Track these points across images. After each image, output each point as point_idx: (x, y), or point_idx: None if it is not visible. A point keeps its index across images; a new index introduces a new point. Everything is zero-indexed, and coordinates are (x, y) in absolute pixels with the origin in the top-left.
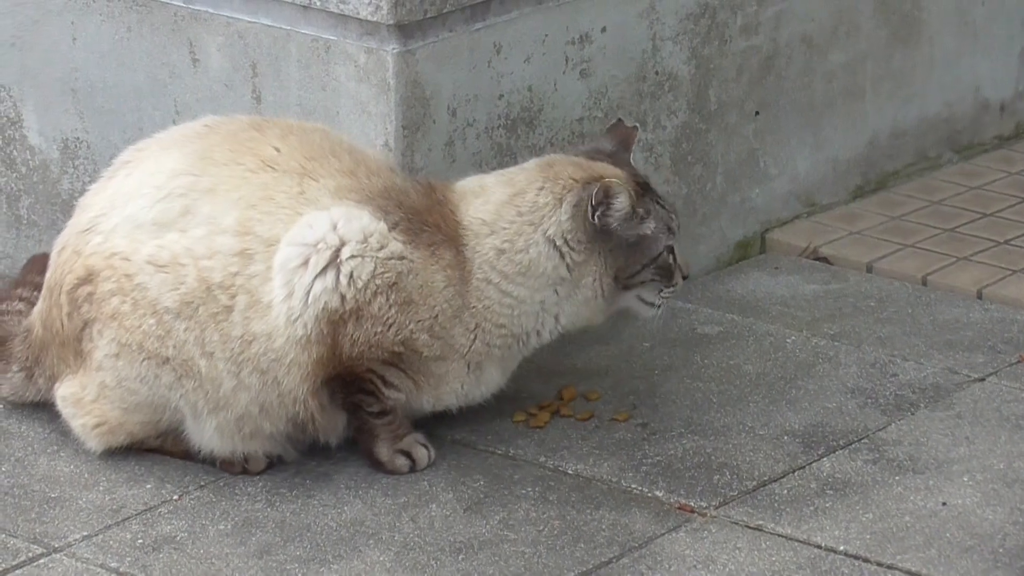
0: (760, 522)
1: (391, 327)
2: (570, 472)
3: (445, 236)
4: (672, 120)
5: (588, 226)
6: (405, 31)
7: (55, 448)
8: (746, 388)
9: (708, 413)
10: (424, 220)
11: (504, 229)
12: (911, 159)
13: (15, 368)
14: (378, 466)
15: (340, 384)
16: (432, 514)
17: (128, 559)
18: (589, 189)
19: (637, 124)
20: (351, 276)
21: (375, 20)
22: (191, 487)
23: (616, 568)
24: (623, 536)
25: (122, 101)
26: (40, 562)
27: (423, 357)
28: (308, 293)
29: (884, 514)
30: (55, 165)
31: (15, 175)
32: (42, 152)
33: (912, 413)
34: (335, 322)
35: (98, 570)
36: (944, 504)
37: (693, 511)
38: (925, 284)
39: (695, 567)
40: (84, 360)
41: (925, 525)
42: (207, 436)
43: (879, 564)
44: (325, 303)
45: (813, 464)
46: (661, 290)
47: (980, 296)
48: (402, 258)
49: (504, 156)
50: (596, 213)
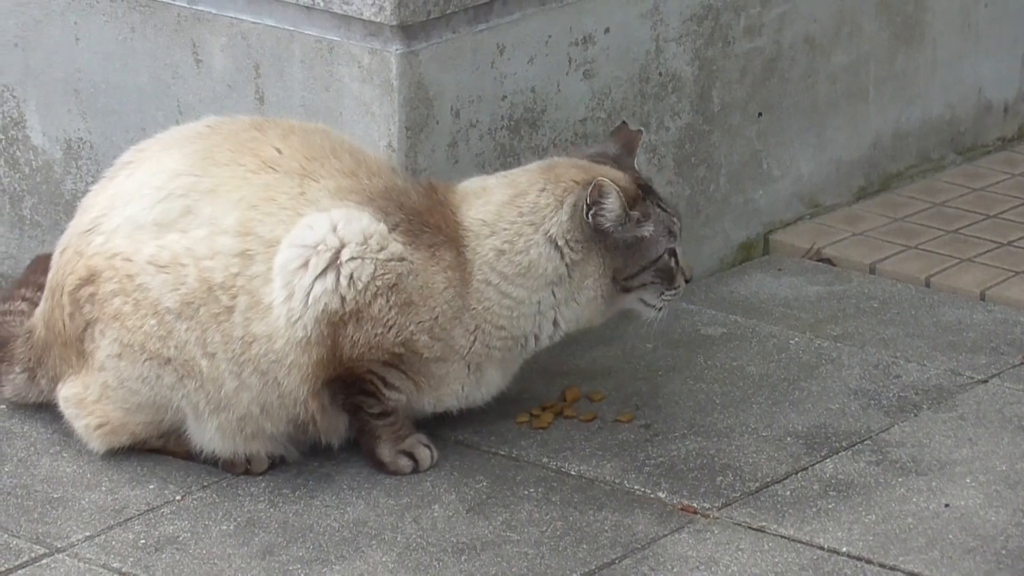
0: (763, 523)
1: (391, 328)
2: (573, 473)
3: (446, 237)
4: (675, 121)
5: (585, 226)
6: (408, 32)
7: (58, 448)
8: (749, 389)
9: (711, 414)
10: (425, 221)
11: (504, 230)
12: (914, 160)
13: (18, 369)
14: (380, 467)
15: (341, 385)
16: (435, 515)
17: (131, 559)
18: (587, 190)
19: (642, 128)
20: (351, 277)
21: (379, 21)
22: (194, 487)
23: (619, 569)
24: (626, 537)
25: (125, 102)
26: (43, 562)
27: (423, 358)
28: (308, 295)
29: (887, 515)
30: (58, 165)
31: (18, 175)
32: (45, 152)
33: (915, 415)
34: (335, 323)
35: (100, 570)
36: (947, 505)
37: (696, 512)
38: (928, 285)
39: (698, 568)
40: (86, 361)
41: (928, 526)
42: (209, 436)
43: (882, 565)
44: (325, 304)
45: (816, 465)
46: (662, 292)
47: (983, 298)
48: (402, 259)
49: (507, 157)
50: (590, 213)
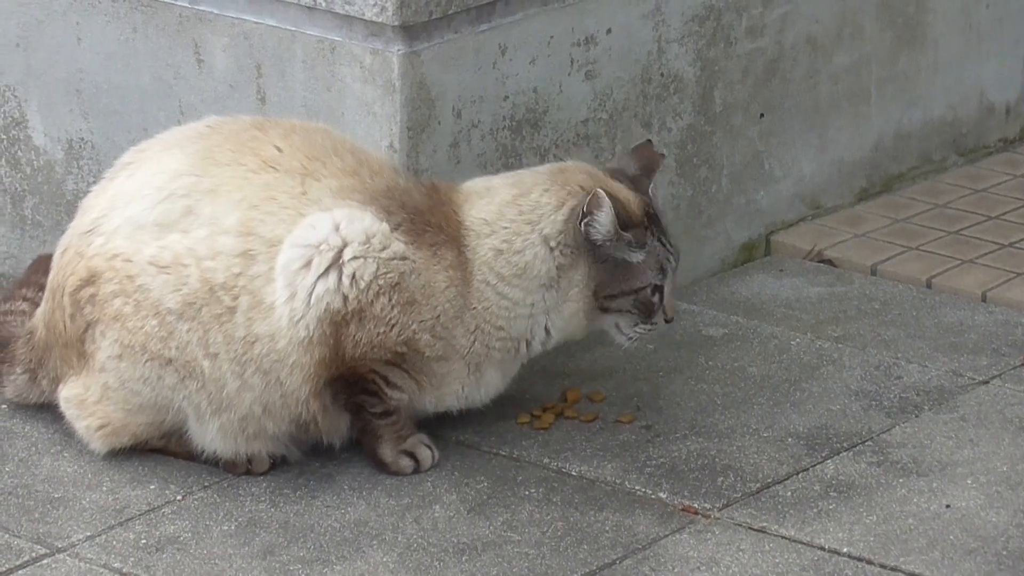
0: (764, 524)
1: (394, 327)
2: (574, 474)
3: (447, 237)
4: (677, 122)
5: (577, 233)
6: (410, 32)
7: (59, 448)
8: (750, 390)
9: (712, 415)
10: (427, 221)
11: (504, 228)
12: (916, 162)
13: (19, 370)
14: (382, 467)
15: (343, 385)
16: (436, 515)
17: (131, 559)
18: (587, 197)
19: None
20: (353, 277)
21: (380, 21)
22: (195, 488)
23: (620, 569)
24: (627, 538)
25: (127, 102)
26: (43, 562)
27: (425, 357)
28: (311, 294)
29: (888, 516)
30: (60, 166)
31: (20, 175)
32: (47, 153)
33: (916, 415)
34: (338, 323)
35: (101, 570)
36: (948, 506)
37: (697, 513)
38: (929, 287)
39: (699, 569)
40: (87, 362)
41: (929, 527)
42: (210, 437)
43: (882, 566)
44: (328, 304)
45: (817, 466)
46: (637, 324)
47: (984, 299)
48: (404, 258)
49: (509, 157)
50: (582, 221)
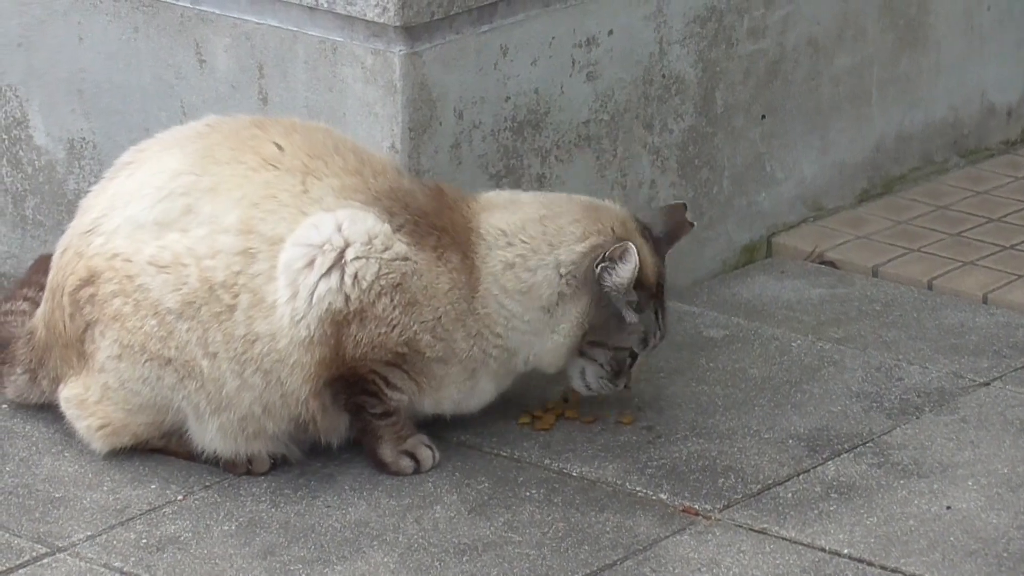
0: (764, 525)
1: (395, 328)
2: (575, 474)
3: (452, 240)
4: (679, 123)
5: (590, 272)
6: (412, 33)
7: (59, 448)
8: (751, 392)
9: (713, 416)
10: (432, 223)
11: (523, 244)
12: (917, 163)
13: (19, 370)
14: (382, 467)
15: (343, 385)
16: (436, 516)
17: (132, 559)
18: (615, 244)
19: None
20: (356, 277)
21: (382, 22)
22: (195, 487)
23: (620, 570)
24: (627, 538)
25: (128, 102)
26: (44, 562)
27: (426, 358)
28: (313, 294)
29: (888, 518)
30: (61, 165)
31: (21, 175)
32: (48, 152)
33: (917, 417)
34: (339, 323)
35: (102, 570)
36: (948, 508)
37: (698, 514)
38: (931, 288)
39: (699, 570)
40: (87, 362)
41: (929, 529)
42: (210, 437)
43: (883, 568)
44: (329, 304)
45: (818, 468)
46: (601, 378)
47: (986, 301)
48: (406, 259)
49: (510, 158)
50: (600, 263)
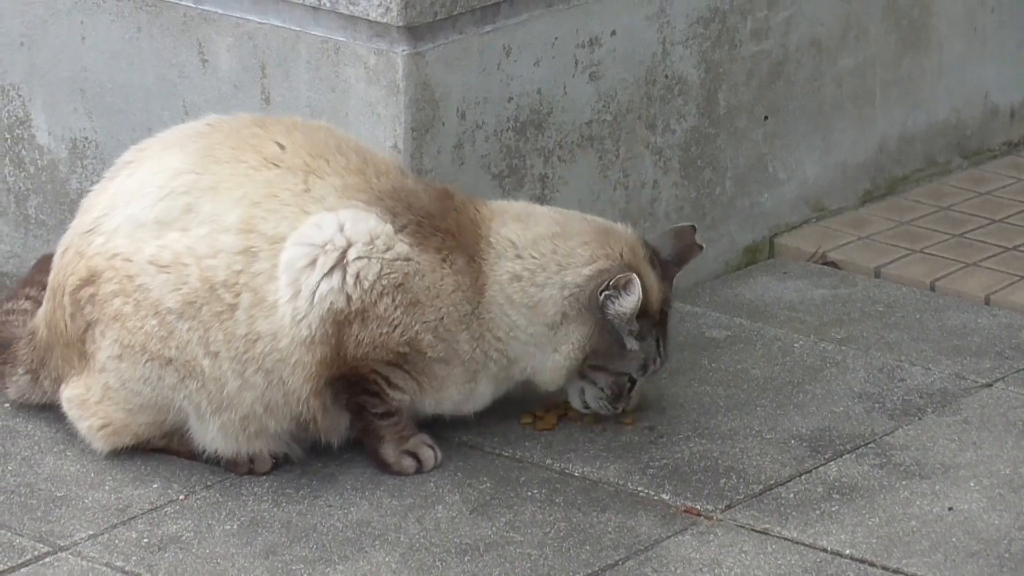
0: (766, 526)
1: (396, 328)
2: (576, 474)
3: (459, 243)
4: (681, 124)
5: (592, 297)
6: (415, 33)
7: (61, 447)
8: (753, 392)
9: (715, 417)
10: (436, 225)
11: (533, 259)
12: (920, 164)
13: (21, 370)
14: (384, 467)
15: (344, 385)
16: (438, 515)
17: (134, 558)
18: (620, 272)
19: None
20: (357, 277)
21: (385, 22)
22: (197, 487)
23: (622, 570)
24: (629, 539)
25: (131, 101)
26: (46, 560)
27: (427, 358)
28: (314, 293)
29: (890, 518)
30: (63, 165)
31: (23, 174)
32: (50, 152)
33: (919, 418)
34: (340, 322)
35: (103, 569)
36: (950, 509)
37: (699, 514)
38: (933, 289)
39: (701, 570)
40: (88, 361)
41: (931, 530)
42: (211, 436)
43: (885, 568)
44: (331, 303)
45: (820, 468)
46: (601, 400)
47: (988, 302)
48: (408, 260)
49: (513, 158)
50: (603, 291)
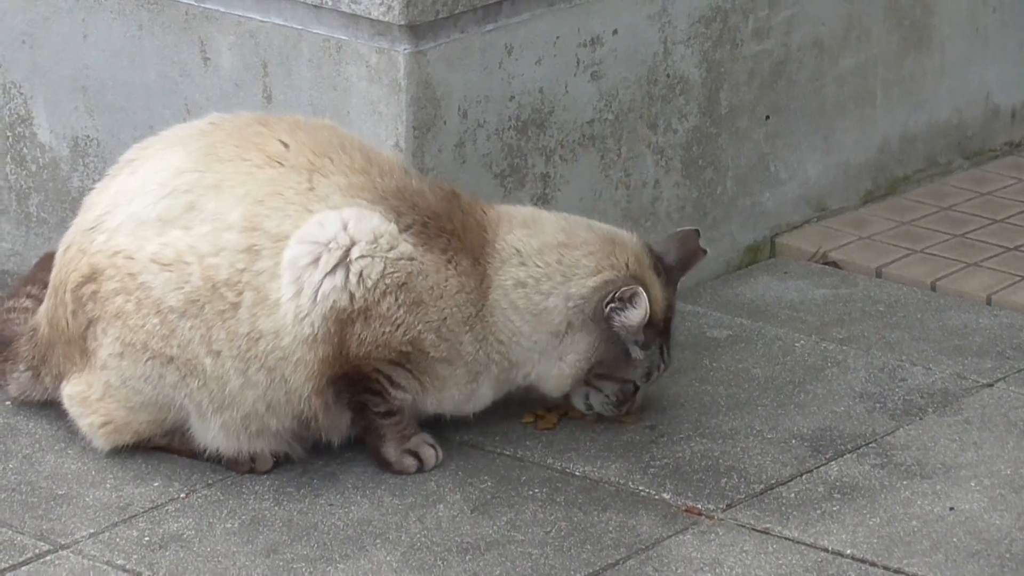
0: (767, 525)
1: (399, 327)
2: (578, 474)
3: (464, 244)
4: (683, 123)
5: (597, 308)
6: (417, 32)
7: (62, 445)
8: (754, 392)
9: (716, 416)
10: (441, 225)
11: (537, 268)
12: (921, 164)
13: (22, 367)
14: (385, 466)
15: (346, 383)
16: (439, 514)
17: (135, 557)
18: (625, 284)
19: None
20: (360, 275)
21: (387, 20)
22: (198, 485)
23: (623, 570)
24: (630, 538)
25: (133, 99)
26: (47, 559)
27: (430, 358)
28: (317, 291)
29: (891, 518)
30: (65, 163)
31: (25, 172)
32: (52, 150)
33: (920, 418)
34: (343, 321)
35: (104, 567)
36: (951, 509)
37: (700, 514)
38: (934, 289)
39: (702, 569)
40: (89, 359)
41: (932, 530)
42: (212, 435)
43: (886, 568)
44: (334, 302)
45: (821, 468)
46: (606, 403)
47: (989, 302)
48: (412, 259)
49: (514, 157)
50: (609, 304)
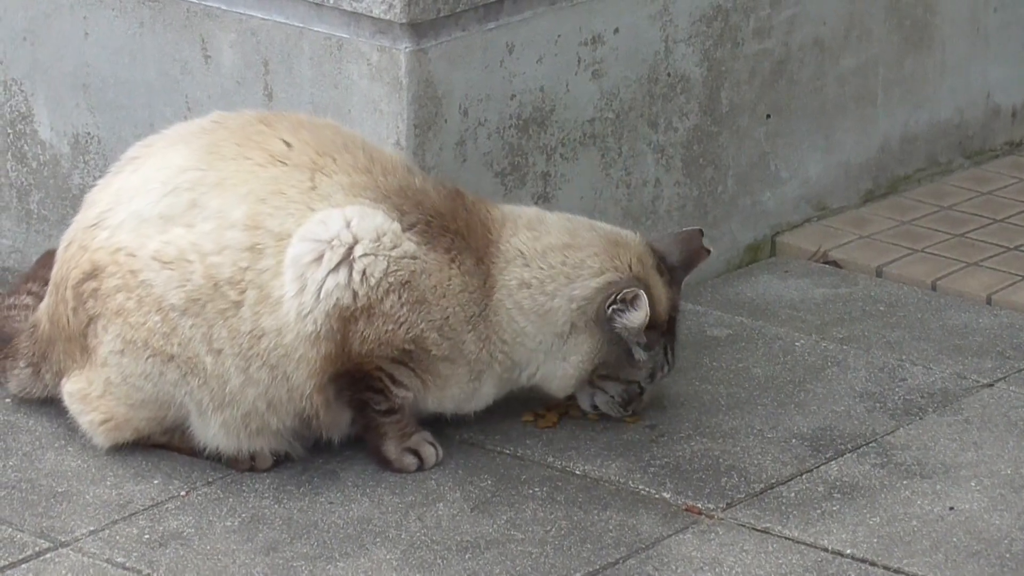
0: (767, 525)
1: (402, 325)
2: (578, 473)
3: (468, 244)
4: (684, 122)
5: (601, 309)
6: (418, 30)
7: (62, 443)
8: (755, 391)
9: (716, 415)
10: (445, 225)
11: (541, 269)
12: (922, 164)
13: (22, 364)
14: (385, 464)
15: (348, 381)
16: (439, 513)
17: (135, 554)
18: (628, 285)
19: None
20: (364, 273)
21: (388, 19)
22: (198, 483)
23: (623, 569)
24: (630, 537)
25: (133, 97)
26: (47, 556)
27: (432, 356)
28: (320, 289)
29: (891, 518)
30: (66, 160)
31: (26, 169)
32: (53, 147)
33: (920, 418)
34: (346, 318)
35: (104, 565)
36: (951, 509)
37: (700, 513)
38: (934, 289)
39: (702, 569)
40: (90, 356)
41: (932, 529)
42: (212, 433)
43: (886, 568)
44: (337, 299)
45: (821, 467)
46: (611, 402)
47: (989, 302)
48: (415, 258)
49: (515, 156)
50: (611, 306)
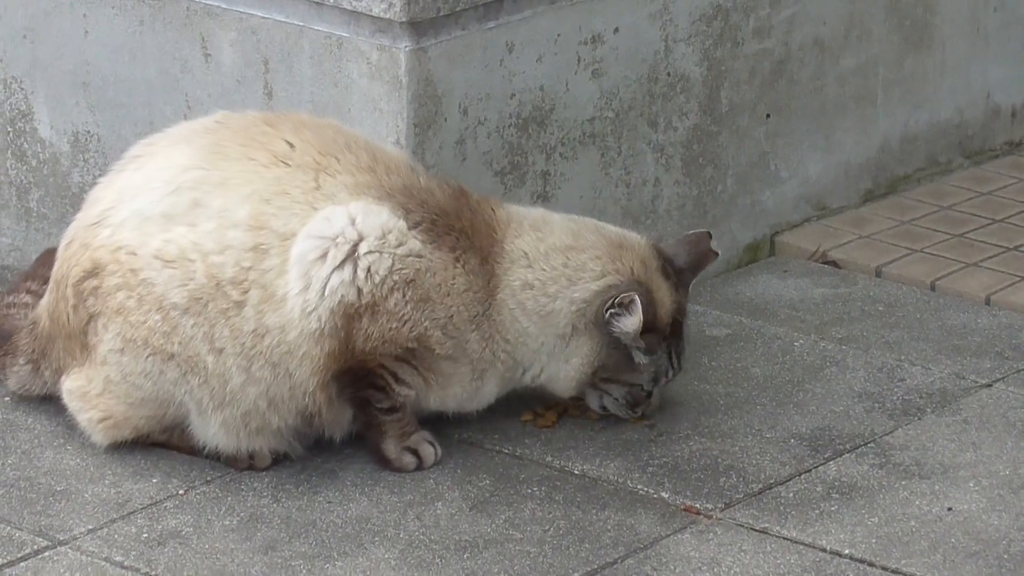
0: (766, 525)
1: (406, 323)
2: (576, 472)
3: (472, 243)
4: (683, 122)
5: (599, 313)
6: (418, 29)
7: (61, 441)
8: (753, 391)
9: (715, 415)
10: (450, 224)
11: (543, 271)
12: (922, 164)
13: (21, 361)
14: (385, 463)
15: (351, 379)
16: (438, 512)
17: (133, 553)
18: (627, 289)
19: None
20: (368, 271)
21: (388, 17)
22: (197, 482)
23: (621, 568)
24: (628, 537)
25: (133, 95)
26: (45, 555)
27: (435, 355)
28: (325, 286)
29: (890, 518)
30: (65, 158)
31: (25, 168)
32: (52, 145)
33: (919, 418)
34: (350, 316)
35: (103, 563)
36: (950, 509)
37: (699, 513)
38: (934, 289)
39: (700, 569)
40: (90, 354)
41: (930, 530)
42: (212, 432)
43: (884, 568)
44: (342, 296)
45: (819, 467)
46: (618, 403)
47: (988, 302)
48: (420, 256)
49: (515, 155)
50: (608, 309)
